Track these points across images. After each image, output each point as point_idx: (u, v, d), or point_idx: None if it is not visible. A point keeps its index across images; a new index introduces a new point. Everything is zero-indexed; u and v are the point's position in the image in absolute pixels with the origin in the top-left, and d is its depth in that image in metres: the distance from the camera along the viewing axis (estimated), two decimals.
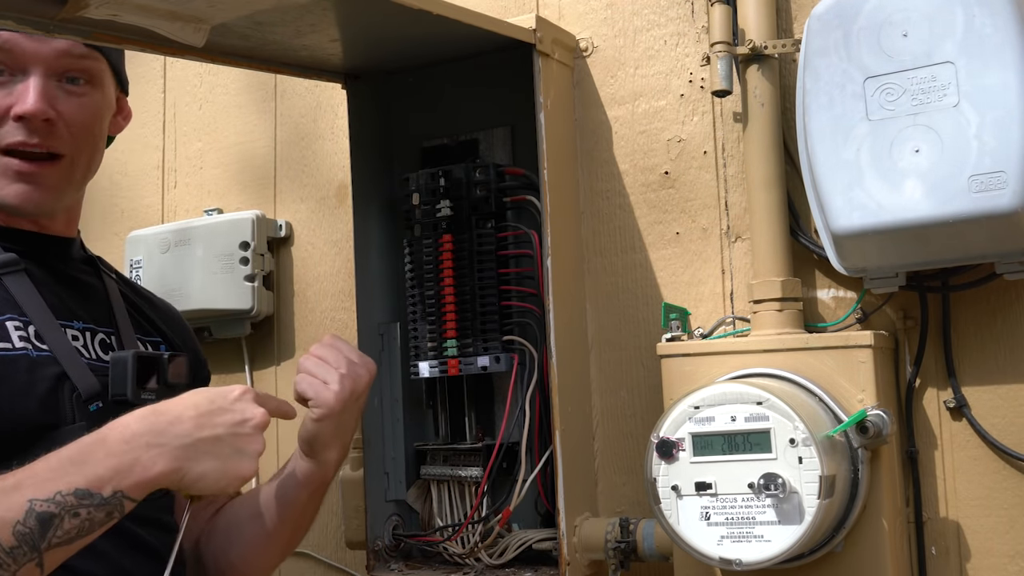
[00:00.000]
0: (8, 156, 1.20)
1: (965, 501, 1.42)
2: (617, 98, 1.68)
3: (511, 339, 1.59)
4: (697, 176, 1.61)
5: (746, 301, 1.52)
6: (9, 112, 1.19)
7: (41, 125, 1.21)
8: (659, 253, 1.63)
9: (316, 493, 1.30)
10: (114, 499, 0.97)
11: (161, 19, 1.15)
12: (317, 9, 1.30)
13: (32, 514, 0.93)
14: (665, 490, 1.30)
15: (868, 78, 1.32)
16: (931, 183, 1.26)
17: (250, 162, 2.08)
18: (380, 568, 1.63)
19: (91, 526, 0.97)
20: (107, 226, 2.25)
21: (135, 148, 2.23)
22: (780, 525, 1.23)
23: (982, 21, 1.25)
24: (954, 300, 1.42)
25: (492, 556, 1.56)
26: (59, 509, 0.95)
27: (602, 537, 1.49)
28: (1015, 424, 1.39)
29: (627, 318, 1.64)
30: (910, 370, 1.44)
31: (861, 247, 1.35)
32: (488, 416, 1.65)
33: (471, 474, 1.59)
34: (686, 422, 1.30)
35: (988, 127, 1.24)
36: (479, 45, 1.54)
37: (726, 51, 1.46)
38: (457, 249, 1.61)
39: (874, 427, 1.28)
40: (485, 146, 1.70)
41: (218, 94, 2.14)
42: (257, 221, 1.95)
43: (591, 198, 1.68)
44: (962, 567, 1.42)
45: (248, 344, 2.01)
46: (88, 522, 0.96)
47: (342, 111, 1.81)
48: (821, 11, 1.36)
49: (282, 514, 1.29)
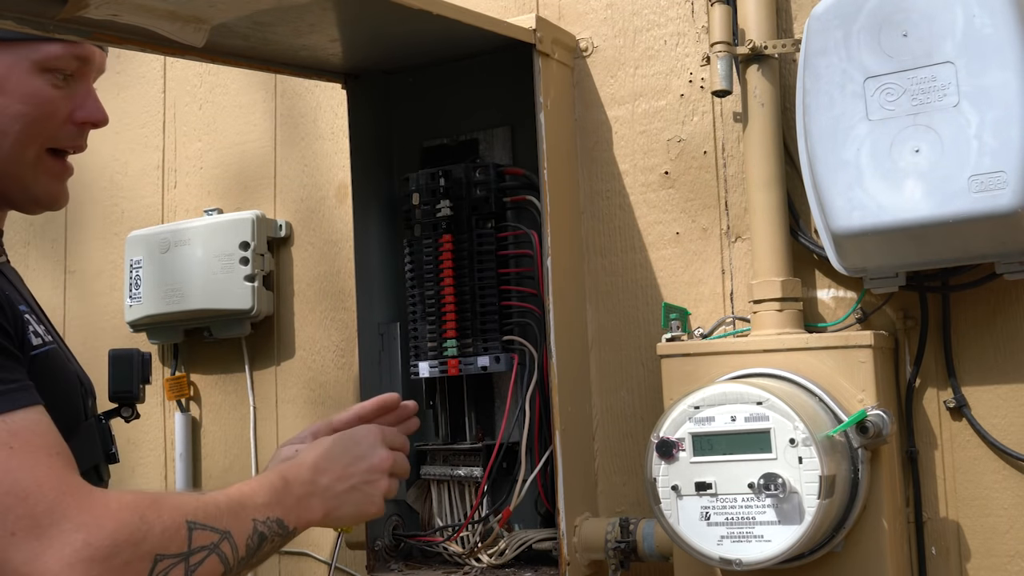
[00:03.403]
0: (55, 156, 1.22)
1: (965, 501, 1.42)
2: (617, 98, 1.68)
3: (511, 339, 1.59)
4: (697, 176, 1.61)
5: (746, 301, 1.52)
6: (70, 116, 1.21)
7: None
8: (659, 253, 1.63)
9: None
10: (292, 533, 1.12)
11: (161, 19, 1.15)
12: (317, 9, 1.30)
13: (256, 533, 1.06)
14: (665, 490, 1.30)
15: (868, 78, 1.32)
16: (931, 183, 1.26)
17: (250, 162, 2.08)
18: (380, 568, 1.63)
19: (271, 552, 1.11)
20: (107, 226, 2.25)
21: (135, 148, 2.23)
22: (780, 525, 1.23)
23: (982, 21, 1.25)
24: (954, 300, 1.42)
25: (492, 556, 1.56)
26: (269, 532, 1.08)
27: (602, 537, 1.49)
28: (1015, 424, 1.39)
29: (627, 318, 1.64)
30: (910, 370, 1.44)
31: (861, 247, 1.35)
32: (488, 416, 1.65)
33: (471, 474, 1.59)
34: (686, 422, 1.30)
35: (988, 127, 1.24)
36: (479, 45, 1.54)
37: (726, 51, 1.46)
38: (457, 249, 1.61)
39: (874, 427, 1.28)
40: (485, 146, 1.70)
41: (218, 94, 2.14)
42: (257, 221, 1.95)
43: (591, 198, 1.68)
44: (962, 567, 1.42)
45: (248, 344, 2.01)
46: (272, 549, 1.10)
47: (342, 111, 1.81)
48: (821, 11, 1.36)
49: None
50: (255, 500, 1.08)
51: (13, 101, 1.16)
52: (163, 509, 0.97)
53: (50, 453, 0.95)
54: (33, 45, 1.17)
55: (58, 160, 1.23)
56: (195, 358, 2.09)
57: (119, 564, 0.91)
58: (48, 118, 1.19)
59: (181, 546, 0.97)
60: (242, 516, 1.05)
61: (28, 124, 1.17)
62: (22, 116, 1.17)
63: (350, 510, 1.17)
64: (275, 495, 1.10)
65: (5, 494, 0.90)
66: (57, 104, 1.20)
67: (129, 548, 0.92)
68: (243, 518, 1.05)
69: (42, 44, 1.17)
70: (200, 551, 0.99)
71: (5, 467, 0.91)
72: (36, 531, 0.89)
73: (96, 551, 0.90)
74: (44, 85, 1.18)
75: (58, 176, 1.24)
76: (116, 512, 0.93)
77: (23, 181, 1.20)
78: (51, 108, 1.19)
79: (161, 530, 0.95)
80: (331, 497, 1.15)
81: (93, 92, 1.25)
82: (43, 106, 1.18)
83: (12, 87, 1.16)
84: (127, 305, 2.05)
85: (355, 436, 1.21)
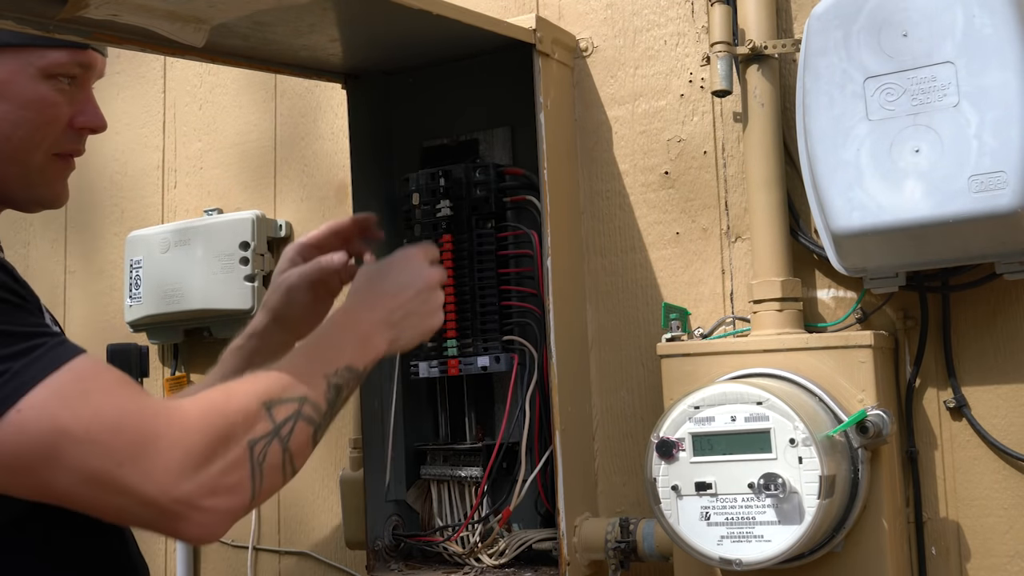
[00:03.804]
0: (61, 159, 1.24)
1: (965, 501, 1.42)
2: (617, 98, 1.68)
3: (511, 339, 1.59)
4: (697, 176, 1.61)
5: (746, 301, 1.52)
6: (71, 121, 1.22)
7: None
8: (659, 253, 1.63)
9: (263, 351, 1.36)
10: (363, 373, 1.15)
11: (161, 19, 1.15)
12: (317, 9, 1.30)
13: (331, 387, 1.10)
14: (665, 490, 1.30)
15: (868, 78, 1.32)
16: (931, 183, 1.26)
17: (250, 162, 2.08)
18: (380, 568, 1.63)
19: (349, 396, 1.15)
20: (107, 226, 2.25)
21: (135, 148, 2.23)
22: (780, 525, 1.23)
23: (982, 21, 1.25)
24: (954, 300, 1.42)
25: (492, 556, 1.56)
26: (342, 381, 1.11)
27: (602, 537, 1.49)
28: (1015, 424, 1.39)
29: (627, 318, 1.64)
30: (910, 370, 1.44)
31: (861, 247, 1.35)
32: (488, 416, 1.65)
33: (471, 474, 1.59)
34: (686, 422, 1.30)
35: (988, 127, 1.24)
36: (479, 45, 1.54)
37: (726, 51, 1.46)
38: (457, 249, 1.61)
39: (874, 427, 1.28)
40: (485, 146, 1.70)
41: (218, 94, 2.14)
42: (257, 221, 1.95)
43: (591, 198, 1.68)
44: (962, 567, 1.42)
45: None
46: (349, 393, 1.14)
47: (342, 111, 1.81)
48: (821, 11, 1.36)
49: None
50: (320, 357, 1.12)
51: (16, 107, 1.17)
52: (238, 398, 1.03)
53: (121, 384, 1.00)
54: (38, 51, 1.18)
55: (63, 162, 1.24)
56: (195, 358, 2.09)
57: (221, 462, 0.98)
58: (50, 123, 1.20)
59: (267, 425, 1.02)
60: (312, 376, 1.09)
61: (31, 129, 1.18)
62: (25, 121, 1.18)
63: (411, 334, 1.22)
64: (337, 345, 1.14)
65: (99, 432, 0.94)
66: (60, 109, 1.20)
67: (223, 445, 0.98)
68: (314, 377, 1.09)
69: (47, 51, 1.18)
70: (286, 423, 1.04)
71: (89, 408, 0.95)
72: (138, 457, 0.95)
73: (197, 458, 0.96)
74: (48, 91, 1.19)
75: (61, 177, 1.25)
76: (199, 418, 0.98)
77: (28, 184, 1.21)
78: (54, 113, 1.20)
79: (244, 418, 1.01)
80: (391, 328, 1.19)
81: (93, 98, 1.26)
82: (46, 111, 1.19)
83: (16, 92, 1.17)
84: (127, 305, 2.05)
85: (398, 263, 1.25)
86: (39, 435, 0.93)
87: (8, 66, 1.17)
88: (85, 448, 0.94)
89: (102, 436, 0.95)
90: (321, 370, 1.10)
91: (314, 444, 1.08)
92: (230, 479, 0.99)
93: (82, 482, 0.95)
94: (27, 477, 0.95)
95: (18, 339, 0.98)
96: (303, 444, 1.06)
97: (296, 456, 1.05)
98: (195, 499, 0.96)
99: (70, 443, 0.94)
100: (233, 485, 0.99)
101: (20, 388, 0.94)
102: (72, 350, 1.00)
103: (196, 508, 0.97)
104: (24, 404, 0.93)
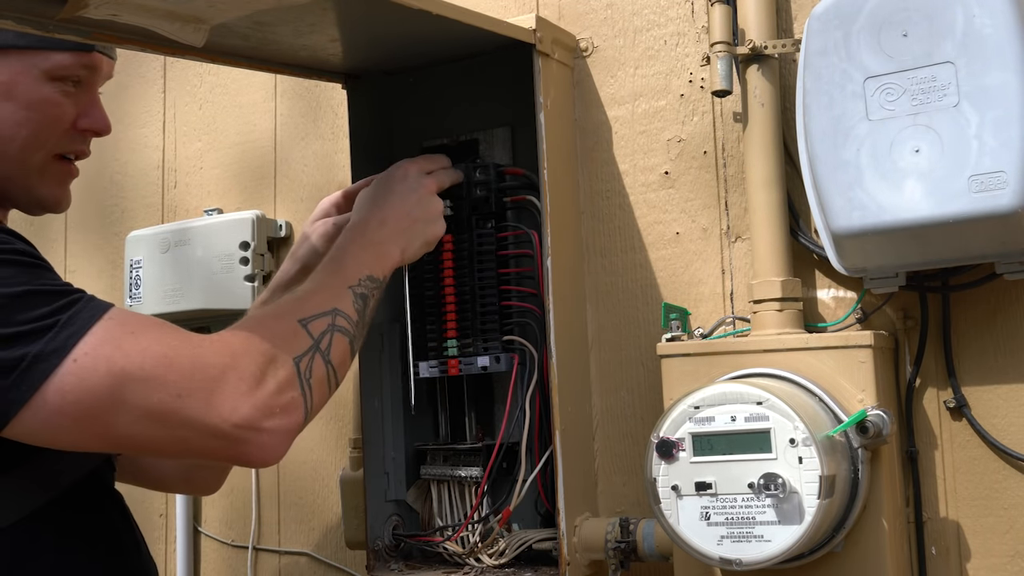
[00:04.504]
0: (62, 161, 1.25)
1: (965, 501, 1.42)
2: (617, 98, 1.68)
3: (511, 339, 1.58)
4: (697, 176, 1.61)
5: (746, 301, 1.52)
6: (75, 123, 1.24)
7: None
8: (659, 253, 1.63)
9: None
10: (383, 282, 1.23)
11: (161, 19, 1.14)
12: (317, 9, 1.30)
13: (357, 297, 1.16)
14: (665, 490, 1.30)
15: (868, 78, 1.32)
16: (931, 183, 1.26)
17: (250, 162, 2.08)
18: (380, 568, 1.63)
19: (375, 306, 1.22)
20: (107, 226, 2.25)
21: (135, 148, 2.23)
22: (780, 525, 1.23)
23: (982, 21, 1.25)
24: (954, 300, 1.42)
25: (492, 556, 1.56)
26: (367, 291, 1.18)
27: (602, 537, 1.49)
28: (1015, 424, 1.39)
29: (627, 318, 1.64)
30: (910, 370, 1.44)
31: (861, 247, 1.35)
32: (488, 416, 1.65)
33: (471, 474, 1.59)
34: (686, 422, 1.30)
35: (988, 127, 1.24)
36: (479, 45, 1.54)
37: (726, 51, 1.46)
38: (457, 249, 1.61)
39: (874, 427, 1.28)
40: (485, 146, 1.70)
41: (218, 94, 2.14)
42: (257, 221, 1.95)
43: (591, 198, 1.68)
44: (962, 567, 1.42)
45: None
46: (375, 303, 1.21)
47: (342, 111, 1.81)
48: (821, 11, 1.36)
49: None
50: (342, 272, 1.18)
51: (20, 108, 1.18)
52: (275, 321, 1.08)
53: (162, 325, 1.04)
54: (43, 54, 1.19)
55: (64, 164, 1.25)
56: None
57: (273, 382, 1.02)
58: (54, 125, 1.20)
59: (306, 342, 1.07)
60: (338, 290, 1.14)
61: (35, 130, 1.19)
62: (29, 122, 1.19)
63: (420, 241, 1.30)
64: (356, 259, 1.20)
65: (154, 367, 0.98)
66: (64, 111, 1.21)
67: (271, 366, 1.03)
68: (340, 290, 1.14)
69: (52, 53, 1.19)
70: (324, 336, 1.09)
71: (139, 347, 0.98)
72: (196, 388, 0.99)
73: (251, 382, 1.00)
74: (53, 92, 1.20)
75: (63, 180, 1.26)
76: (244, 345, 1.03)
77: (28, 184, 1.22)
78: (58, 115, 1.20)
79: (283, 339, 1.06)
80: (400, 236, 1.27)
81: (98, 101, 1.26)
82: (50, 113, 1.20)
83: (20, 94, 1.18)
84: (127, 305, 2.05)
85: (396, 176, 1.33)
86: (98, 379, 0.96)
87: (13, 68, 1.18)
88: (144, 385, 0.97)
89: (157, 371, 0.98)
90: (345, 283, 1.15)
91: (352, 355, 1.13)
92: (284, 398, 1.02)
93: (145, 419, 0.97)
94: (91, 424, 0.97)
95: (57, 296, 1.01)
96: (343, 355, 1.11)
97: (339, 368, 1.10)
98: (255, 422, 1.00)
99: (129, 382, 0.97)
100: (287, 404, 1.02)
101: (72, 338, 0.97)
102: (106, 303, 1.03)
103: (258, 430, 1.00)
104: (78, 352, 0.96)
